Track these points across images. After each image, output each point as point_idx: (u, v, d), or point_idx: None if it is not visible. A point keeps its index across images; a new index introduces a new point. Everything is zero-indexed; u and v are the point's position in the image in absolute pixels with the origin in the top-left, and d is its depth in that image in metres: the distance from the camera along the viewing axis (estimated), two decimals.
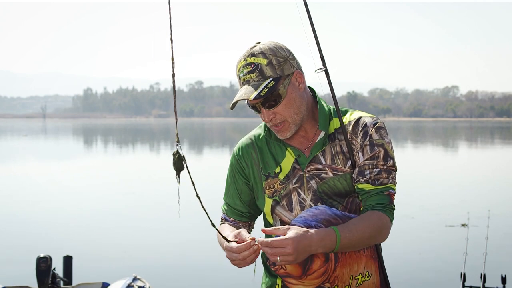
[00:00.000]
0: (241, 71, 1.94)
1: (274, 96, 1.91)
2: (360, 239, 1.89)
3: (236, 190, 2.13)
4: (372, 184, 1.95)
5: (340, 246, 1.85)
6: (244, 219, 2.14)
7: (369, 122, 1.99)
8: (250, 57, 1.92)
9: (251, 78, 1.91)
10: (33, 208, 12.29)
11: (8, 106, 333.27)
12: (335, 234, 1.84)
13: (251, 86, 1.90)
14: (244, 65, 1.93)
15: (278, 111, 1.94)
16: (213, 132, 66.59)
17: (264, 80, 1.89)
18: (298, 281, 2.01)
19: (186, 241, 9.04)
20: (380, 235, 1.94)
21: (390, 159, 1.98)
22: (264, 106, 1.93)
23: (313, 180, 1.99)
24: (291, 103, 1.94)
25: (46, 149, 35.10)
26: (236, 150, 2.14)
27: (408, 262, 7.74)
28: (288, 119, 1.95)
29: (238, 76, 1.95)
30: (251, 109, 1.98)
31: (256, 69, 1.90)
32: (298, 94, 1.96)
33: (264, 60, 1.91)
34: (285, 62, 1.93)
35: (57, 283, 4.83)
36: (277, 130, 1.98)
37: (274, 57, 1.91)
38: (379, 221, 1.92)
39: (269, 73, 1.90)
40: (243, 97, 1.88)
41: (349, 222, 1.91)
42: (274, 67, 1.91)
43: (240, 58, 1.96)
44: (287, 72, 1.93)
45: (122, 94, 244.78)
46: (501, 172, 19.37)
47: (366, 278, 2.02)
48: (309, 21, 2.04)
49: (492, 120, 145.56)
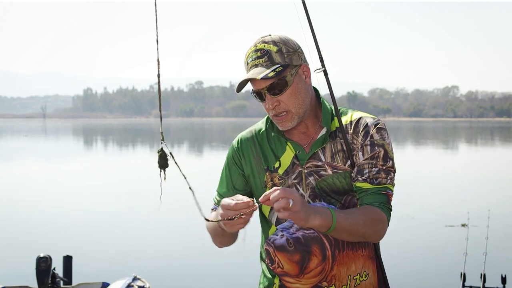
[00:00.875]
0: (249, 57, 1.94)
1: (281, 83, 1.91)
2: (355, 223, 1.84)
3: (231, 180, 2.11)
4: (370, 183, 1.95)
5: (336, 224, 1.79)
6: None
7: (371, 123, 2.00)
8: (260, 44, 1.94)
9: (260, 63, 1.91)
10: (33, 208, 12.29)
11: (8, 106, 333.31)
12: (331, 213, 1.80)
13: (258, 69, 1.90)
14: (253, 50, 1.93)
15: (283, 99, 1.93)
16: (213, 132, 66.58)
17: (272, 65, 1.90)
18: (296, 280, 2.01)
19: (186, 241, 9.04)
20: (375, 227, 1.90)
21: (390, 160, 1.98)
22: (269, 92, 1.93)
23: (312, 177, 1.99)
24: (296, 93, 1.94)
25: (46, 149, 35.09)
26: (235, 142, 2.13)
27: (408, 262, 7.74)
28: (292, 109, 1.95)
29: (246, 62, 1.95)
30: (255, 98, 1.97)
31: (266, 55, 1.91)
32: (304, 87, 1.97)
33: (274, 47, 1.92)
34: (294, 52, 1.94)
35: (57, 283, 4.83)
36: (279, 120, 1.97)
37: (284, 46, 1.93)
38: (374, 212, 1.91)
39: (277, 60, 1.91)
40: (250, 77, 1.88)
41: (344, 210, 1.91)
42: (283, 55, 1.92)
43: (250, 46, 1.97)
44: (295, 63, 1.94)
45: (122, 94, 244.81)
46: (501, 172, 19.38)
47: (364, 278, 2.02)
48: (307, 21, 2.04)
49: (492, 120, 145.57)
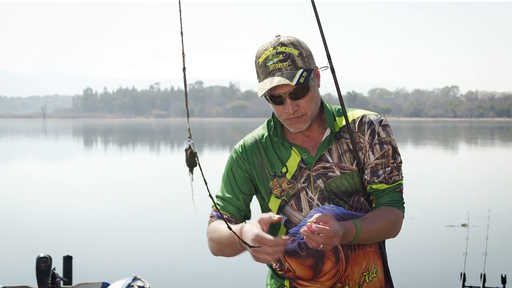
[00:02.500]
0: (270, 60, 1.89)
1: (303, 88, 1.90)
2: (377, 232, 1.92)
3: (236, 185, 2.06)
4: (386, 183, 1.98)
5: (358, 239, 1.86)
6: (239, 217, 2.05)
7: (375, 120, 2.01)
8: (280, 46, 1.90)
9: (284, 67, 1.88)
10: (33, 208, 12.29)
11: (8, 106, 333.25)
12: (356, 227, 1.85)
13: (284, 74, 1.87)
14: (274, 53, 1.89)
15: (302, 103, 1.92)
16: (213, 132, 66.57)
17: (296, 70, 1.88)
18: (310, 283, 2.00)
19: (186, 241, 9.04)
20: (394, 230, 1.98)
21: (398, 156, 2.02)
22: (291, 97, 1.90)
23: (320, 179, 1.98)
24: (314, 97, 1.94)
25: (46, 149, 35.09)
26: (238, 147, 2.09)
27: (408, 262, 7.73)
28: (309, 113, 1.94)
29: (264, 64, 1.90)
30: (269, 102, 1.94)
31: (289, 58, 1.89)
32: (317, 90, 1.98)
33: (295, 51, 1.90)
34: (310, 56, 1.94)
35: (57, 283, 4.83)
36: (295, 122, 1.95)
37: (303, 50, 1.92)
38: (394, 216, 1.96)
39: (300, 64, 1.89)
40: (284, 82, 1.85)
41: (366, 215, 1.93)
42: (304, 59, 1.91)
43: (266, 47, 1.92)
44: (312, 66, 1.94)
45: (122, 94, 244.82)
46: (501, 172, 19.38)
47: (374, 274, 2.03)
48: (315, 17, 2.03)
49: (492, 120, 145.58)
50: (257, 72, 1.95)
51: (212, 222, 2.05)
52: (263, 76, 1.92)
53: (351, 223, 1.85)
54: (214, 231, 2.00)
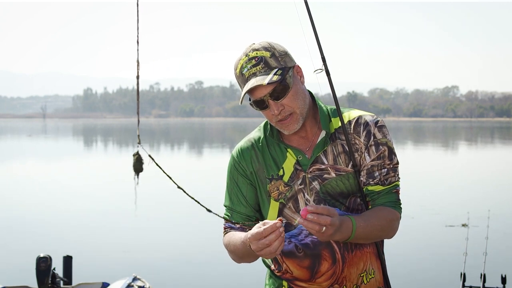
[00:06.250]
0: (244, 67, 1.91)
1: (282, 86, 1.90)
2: (373, 230, 1.90)
3: (241, 193, 2.07)
4: (382, 184, 1.98)
5: (355, 234, 1.85)
6: (251, 223, 2.05)
7: (370, 121, 2.00)
8: (252, 52, 1.91)
9: (257, 70, 1.89)
10: (33, 208, 12.29)
11: (8, 106, 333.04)
12: (351, 221, 1.84)
13: (258, 77, 1.88)
14: (247, 60, 1.91)
15: (286, 102, 1.92)
16: (213, 132, 66.56)
17: (270, 70, 1.89)
18: (308, 284, 2.01)
19: (186, 241, 9.04)
20: (391, 229, 1.97)
21: (394, 157, 2.01)
22: (272, 98, 1.90)
23: (316, 181, 1.98)
24: (297, 94, 1.93)
25: (46, 149, 35.08)
26: (235, 154, 2.09)
27: (408, 262, 7.74)
28: (296, 110, 1.93)
29: (241, 73, 1.92)
30: (255, 108, 1.95)
31: (261, 61, 1.90)
32: (301, 87, 1.96)
33: (267, 53, 1.91)
34: (285, 55, 1.94)
35: (57, 283, 4.83)
36: (285, 123, 1.95)
37: (275, 50, 1.92)
38: (391, 214, 1.96)
39: (274, 64, 1.90)
40: (257, 83, 1.86)
41: (361, 214, 1.93)
42: (277, 58, 1.91)
43: (240, 56, 1.94)
44: (289, 65, 1.93)
45: (122, 94, 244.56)
46: (501, 172, 19.38)
47: (372, 275, 2.03)
48: (309, 20, 2.03)
49: (492, 120, 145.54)
50: (238, 83, 1.96)
51: (226, 233, 2.07)
52: (242, 85, 1.93)
53: (346, 217, 1.84)
54: (228, 243, 2.03)
